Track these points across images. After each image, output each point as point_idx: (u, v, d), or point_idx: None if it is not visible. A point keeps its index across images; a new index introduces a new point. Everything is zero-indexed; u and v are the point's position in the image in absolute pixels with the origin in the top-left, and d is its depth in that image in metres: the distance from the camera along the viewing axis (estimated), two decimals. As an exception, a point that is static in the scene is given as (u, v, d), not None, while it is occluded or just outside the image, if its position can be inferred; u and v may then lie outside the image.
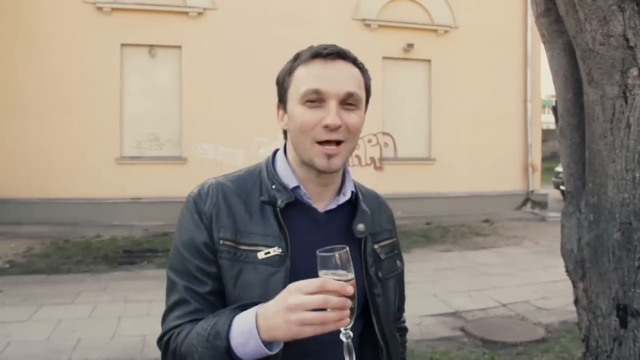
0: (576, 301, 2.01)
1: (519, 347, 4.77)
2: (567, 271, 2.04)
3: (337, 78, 1.23)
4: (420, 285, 6.43)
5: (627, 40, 1.64)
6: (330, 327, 1.03)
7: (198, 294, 1.23)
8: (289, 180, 1.29)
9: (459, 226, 11.27)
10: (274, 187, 1.28)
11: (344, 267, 1.05)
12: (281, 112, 1.33)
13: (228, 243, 1.24)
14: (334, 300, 1.01)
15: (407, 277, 1.58)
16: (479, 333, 5.09)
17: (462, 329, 5.21)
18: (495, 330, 5.17)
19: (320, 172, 1.25)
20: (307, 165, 1.26)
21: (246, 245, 1.23)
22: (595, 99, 1.78)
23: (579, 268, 1.95)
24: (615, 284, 1.80)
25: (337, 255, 1.05)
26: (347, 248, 1.07)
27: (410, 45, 12.63)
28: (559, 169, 14.16)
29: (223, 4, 11.49)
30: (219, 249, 1.24)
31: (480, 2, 13.09)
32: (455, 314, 5.64)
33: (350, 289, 1.03)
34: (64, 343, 4.72)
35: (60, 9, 10.80)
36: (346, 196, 1.33)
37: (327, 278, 1.04)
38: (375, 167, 12.67)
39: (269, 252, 1.22)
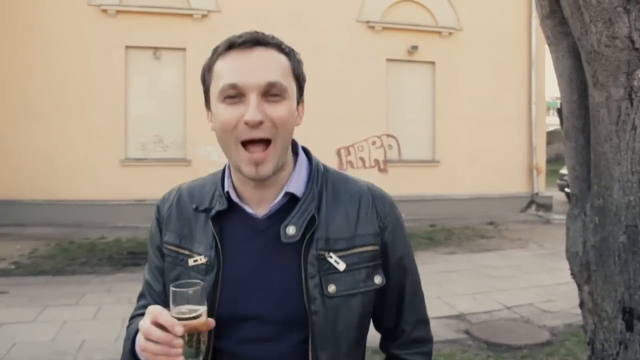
0: (581, 304, 2.00)
1: (524, 350, 4.75)
2: (572, 274, 2.03)
3: (255, 68, 1.11)
4: (424, 288, 6.30)
5: (632, 42, 1.63)
6: None
7: (153, 290, 1.32)
8: (227, 184, 1.23)
9: (464, 228, 11.24)
10: (217, 192, 1.25)
11: (195, 303, 1.03)
12: (209, 113, 1.20)
13: (170, 247, 1.27)
14: (155, 333, 1.00)
15: None
16: (483, 336, 5.07)
17: (467, 332, 5.19)
18: (500, 333, 5.15)
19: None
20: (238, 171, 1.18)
21: (184, 250, 1.24)
22: (601, 101, 1.77)
23: (584, 271, 1.94)
24: (621, 287, 1.79)
25: (186, 290, 1.03)
26: (201, 284, 1.06)
27: (415, 48, 12.63)
28: (564, 171, 14.11)
29: (227, 6, 11.51)
30: (164, 252, 1.28)
31: (484, 4, 13.08)
32: (459, 317, 5.63)
33: (179, 329, 0.99)
34: (68, 344, 4.73)
35: (65, 11, 10.83)
36: (279, 198, 1.20)
37: (161, 311, 1.02)
38: (379, 170, 12.65)
39: (196, 260, 1.21)
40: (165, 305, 1.09)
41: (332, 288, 1.17)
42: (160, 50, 11.41)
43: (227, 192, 1.22)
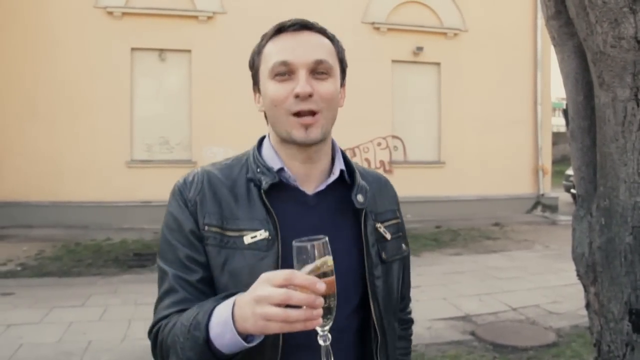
0: (587, 305, 2.00)
1: (530, 352, 4.74)
2: (578, 275, 2.03)
3: (305, 47, 1.19)
4: (430, 289, 6.41)
5: (638, 42, 1.63)
6: (297, 327, 0.92)
7: (187, 282, 1.19)
8: (273, 162, 1.24)
9: (469, 229, 11.22)
10: (258, 170, 1.23)
11: (321, 258, 0.96)
12: (257, 95, 1.29)
13: (214, 229, 1.20)
14: (298, 296, 0.91)
15: (417, 281, 1.53)
16: (489, 337, 5.06)
17: (472, 333, 5.18)
18: (506, 335, 5.14)
19: (300, 145, 1.20)
20: (287, 141, 1.21)
21: (232, 231, 1.19)
22: (607, 102, 1.77)
23: (590, 272, 1.93)
24: (628, 288, 1.79)
25: (313, 245, 0.96)
26: (326, 238, 0.98)
27: (420, 49, 12.62)
28: (570, 172, 14.08)
29: (232, 8, 11.54)
30: (205, 236, 1.20)
31: (489, 4, 13.06)
32: (465, 318, 5.62)
33: (321, 286, 0.92)
34: (75, 345, 4.75)
35: (71, 14, 10.89)
36: (335, 175, 1.26)
37: (295, 271, 0.94)
38: (385, 171, 12.65)
39: (255, 236, 1.17)
40: (208, 295, 1.12)
41: (384, 255, 1.29)
42: (166, 52, 11.45)
43: (280, 168, 1.23)
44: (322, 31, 1.26)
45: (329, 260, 0.97)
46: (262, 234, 1.17)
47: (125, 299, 6.16)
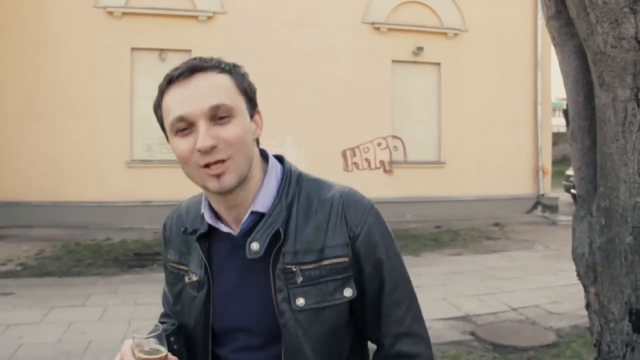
0: (587, 306, 2.00)
1: (530, 352, 4.73)
2: (578, 275, 2.02)
3: (197, 96, 1.12)
4: (430, 289, 6.41)
5: (639, 42, 1.63)
6: None
7: (167, 301, 1.41)
8: (204, 207, 1.27)
9: (469, 230, 11.22)
10: (200, 216, 1.30)
11: (155, 349, 1.13)
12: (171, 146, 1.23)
13: (172, 265, 1.35)
14: None
15: (417, 281, 1.36)
16: (489, 337, 5.06)
17: (472, 333, 5.18)
18: (506, 335, 5.14)
19: (219, 194, 1.17)
20: (207, 190, 1.21)
21: (184, 266, 1.31)
22: (607, 102, 1.77)
23: (590, 272, 1.93)
24: (628, 289, 1.79)
25: (145, 339, 1.13)
26: (161, 328, 1.15)
27: (420, 49, 12.62)
28: (570, 172, 14.07)
29: (233, 8, 11.54)
30: (168, 269, 1.37)
31: (489, 5, 13.06)
32: (465, 318, 5.62)
33: None
34: (74, 345, 4.75)
35: (71, 14, 10.89)
36: (245, 217, 1.21)
37: (124, 353, 1.15)
38: (385, 171, 12.65)
39: (190, 278, 1.29)
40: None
41: (300, 301, 1.17)
42: (166, 52, 11.44)
43: (202, 215, 1.28)
44: (217, 67, 1.17)
45: (160, 349, 1.14)
46: (194, 277, 1.28)
47: (125, 299, 6.16)
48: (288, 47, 11.41)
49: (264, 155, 1.28)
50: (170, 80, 1.17)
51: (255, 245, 1.17)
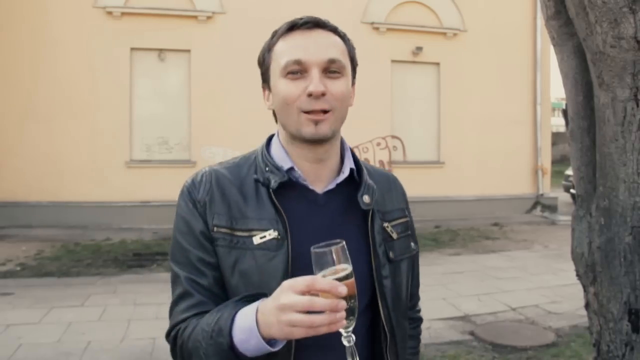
0: (587, 305, 2.00)
1: (529, 352, 4.74)
2: (577, 275, 2.03)
3: (317, 46, 1.19)
4: (429, 289, 6.40)
5: (638, 42, 1.63)
6: (322, 330, 0.95)
7: (200, 286, 1.20)
8: (283, 161, 1.24)
9: (469, 230, 11.23)
10: (267, 169, 1.23)
11: (340, 262, 0.98)
12: (266, 92, 1.28)
13: (223, 230, 1.20)
14: (321, 303, 0.94)
15: None
16: (488, 337, 5.06)
17: (472, 333, 5.18)
18: (505, 335, 5.14)
19: (310, 142, 1.19)
20: (297, 139, 1.21)
21: (241, 231, 1.19)
22: (606, 102, 1.77)
23: (589, 272, 1.93)
24: (627, 288, 1.79)
25: (332, 250, 0.98)
26: (344, 243, 1.01)
27: (419, 49, 12.62)
28: (569, 172, 14.08)
29: (232, 8, 11.54)
30: (215, 237, 1.20)
31: (489, 4, 13.07)
32: (464, 318, 5.62)
33: (342, 289, 0.95)
34: (74, 345, 4.75)
35: (70, 14, 10.88)
36: (345, 174, 1.26)
37: (316, 277, 0.97)
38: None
39: (264, 236, 1.17)
40: (221, 297, 1.15)
41: (392, 254, 1.29)
42: (165, 52, 11.44)
43: (290, 168, 1.23)
44: (334, 30, 1.26)
45: (347, 263, 0.99)
46: (271, 234, 1.17)
47: (124, 299, 6.16)
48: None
49: None
50: (292, 27, 1.23)
51: (367, 198, 1.25)
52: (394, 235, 1.31)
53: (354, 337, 1.02)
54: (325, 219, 1.22)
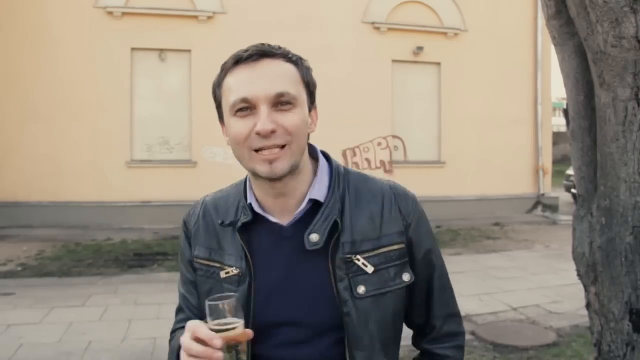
0: (588, 305, 1.99)
1: (530, 351, 4.74)
2: (578, 275, 2.02)
3: (264, 80, 1.13)
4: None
5: (639, 42, 1.63)
6: None
7: (191, 303, 1.34)
8: (249, 196, 1.25)
9: (469, 229, 11.22)
10: (241, 204, 1.26)
11: (231, 315, 1.05)
12: (223, 127, 1.24)
13: (200, 261, 1.29)
14: (195, 349, 1.00)
15: None
16: (489, 337, 5.06)
17: (473, 333, 5.18)
18: (506, 334, 5.14)
19: (269, 180, 1.17)
20: (255, 176, 1.20)
21: (215, 262, 1.26)
22: (607, 102, 1.76)
23: (590, 272, 1.93)
24: (628, 288, 1.78)
25: (223, 303, 1.05)
26: (236, 296, 1.07)
27: (420, 48, 12.62)
28: (570, 171, 14.07)
29: (232, 8, 11.54)
30: (195, 267, 1.31)
31: (489, 4, 13.06)
32: (465, 318, 5.61)
33: (217, 342, 0.99)
34: (75, 345, 4.75)
35: (71, 14, 10.89)
36: (302, 206, 1.21)
37: (199, 326, 1.03)
38: (385, 171, 12.65)
39: (228, 272, 1.23)
40: (203, 317, 1.13)
41: (361, 289, 1.19)
42: (166, 52, 11.45)
43: (250, 204, 1.24)
44: (284, 56, 1.19)
45: (238, 317, 1.06)
46: (233, 271, 1.23)
47: (125, 299, 6.16)
48: (288, 46, 11.31)
49: (311, 150, 1.30)
50: (237, 61, 1.17)
51: (314, 237, 1.19)
52: (368, 269, 1.20)
53: None
54: (290, 253, 1.21)
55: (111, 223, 10.77)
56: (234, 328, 1.04)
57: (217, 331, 1.02)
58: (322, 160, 1.29)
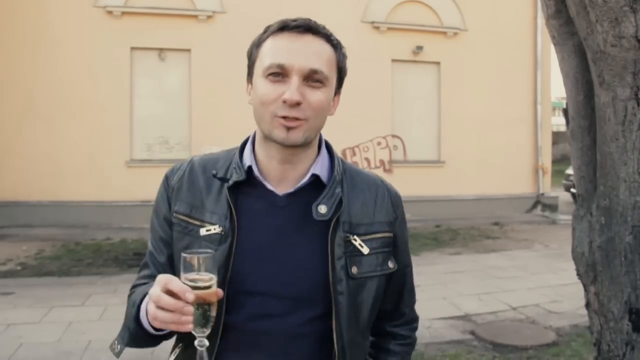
0: (587, 305, 2.00)
1: (530, 351, 4.74)
2: (578, 274, 2.03)
3: (303, 53, 1.16)
4: (429, 288, 6.41)
5: (638, 41, 1.63)
6: (171, 327, 1.01)
7: (157, 261, 1.31)
8: (248, 159, 1.26)
9: (469, 229, 11.22)
10: (233, 165, 1.26)
11: (205, 271, 1.02)
12: (249, 86, 1.26)
13: (180, 217, 1.27)
14: (165, 300, 0.99)
15: (417, 280, 1.49)
16: (489, 336, 5.06)
17: (472, 332, 5.18)
18: (506, 334, 5.14)
19: (280, 145, 1.18)
20: (269, 139, 1.20)
21: (195, 220, 1.25)
22: (607, 101, 1.76)
23: (590, 271, 1.93)
24: (628, 288, 1.79)
25: (199, 257, 1.02)
26: (213, 253, 1.05)
27: (420, 48, 12.61)
28: (570, 171, 14.07)
29: (232, 8, 11.53)
30: (173, 222, 1.28)
31: (489, 4, 13.06)
32: (465, 317, 5.62)
33: (190, 296, 0.98)
34: (74, 345, 4.75)
35: (71, 13, 10.88)
36: (306, 178, 1.24)
37: (172, 278, 1.02)
38: (385, 170, 12.64)
39: (210, 229, 1.22)
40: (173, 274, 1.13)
41: (354, 270, 1.23)
42: (166, 52, 11.44)
43: (249, 166, 1.24)
44: (327, 36, 1.22)
45: (212, 274, 1.03)
46: (215, 229, 1.21)
47: (125, 298, 6.00)
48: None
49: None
50: (283, 27, 1.19)
51: (323, 209, 1.21)
52: (364, 250, 1.25)
53: (206, 342, 1.05)
54: (280, 221, 1.22)
55: (111, 222, 10.77)
56: (208, 286, 1.02)
57: (190, 287, 1.00)
58: (324, 146, 1.33)
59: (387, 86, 12.56)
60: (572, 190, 13.72)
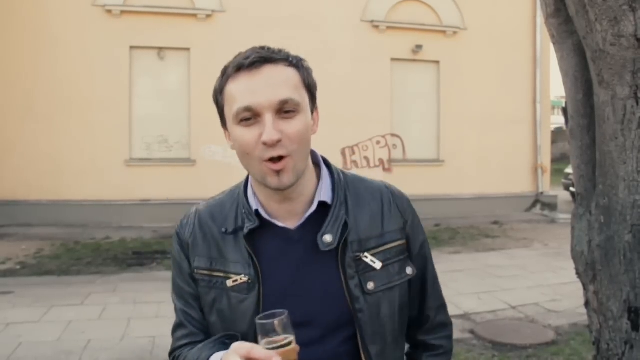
0: (587, 304, 2.00)
1: (529, 350, 4.74)
2: (577, 273, 2.03)
3: (267, 87, 1.12)
4: (429, 287, 6.40)
5: (638, 40, 1.63)
6: None
7: (192, 318, 1.29)
8: (253, 202, 1.25)
9: (468, 228, 11.23)
10: (243, 210, 1.25)
11: (283, 332, 1.04)
12: (226, 132, 1.24)
13: (202, 272, 1.26)
14: None
15: None
16: (488, 335, 5.06)
17: (472, 332, 5.19)
18: (505, 333, 5.14)
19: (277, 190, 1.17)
20: (263, 184, 1.19)
21: (219, 272, 1.24)
22: (606, 100, 1.76)
23: (589, 270, 1.93)
24: (627, 287, 1.79)
25: (274, 322, 1.04)
26: (287, 313, 1.05)
27: (419, 47, 12.61)
28: (569, 170, 14.08)
29: (231, 7, 11.53)
30: (196, 278, 1.27)
31: (489, 3, 13.05)
32: (464, 316, 5.62)
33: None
34: (74, 344, 4.75)
35: (70, 12, 10.87)
36: (313, 208, 1.23)
37: (255, 346, 1.02)
38: (384, 169, 12.65)
39: (236, 280, 1.22)
40: (206, 332, 1.21)
41: (371, 285, 1.23)
42: (165, 51, 11.43)
43: (257, 210, 1.23)
44: (285, 60, 1.18)
45: (288, 333, 1.05)
46: (242, 278, 1.22)
47: (124, 297, 6.16)
48: (287, 45, 11.12)
49: (312, 155, 1.30)
50: (239, 68, 1.15)
51: (328, 238, 1.21)
52: (376, 265, 1.24)
53: None
54: (298, 254, 1.22)
55: (110, 222, 10.76)
56: (288, 343, 1.04)
57: (271, 349, 1.02)
58: (323, 164, 1.31)
59: (386, 85, 12.56)
60: (572, 189, 13.70)
